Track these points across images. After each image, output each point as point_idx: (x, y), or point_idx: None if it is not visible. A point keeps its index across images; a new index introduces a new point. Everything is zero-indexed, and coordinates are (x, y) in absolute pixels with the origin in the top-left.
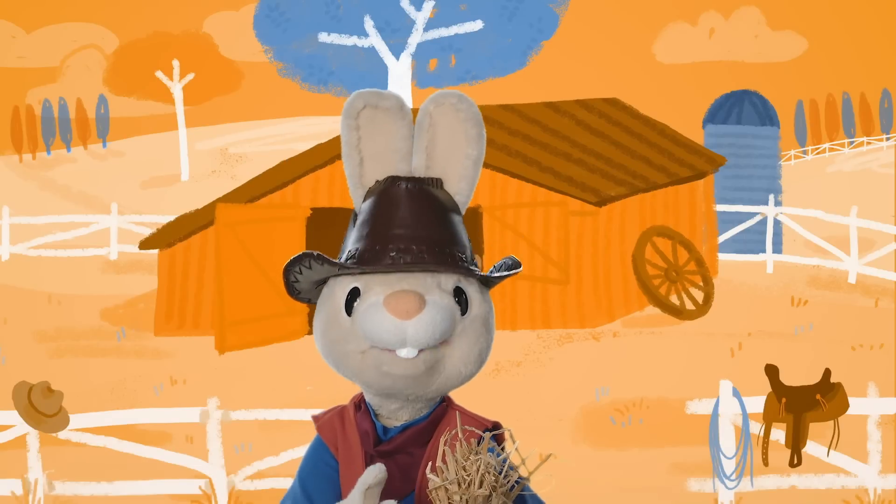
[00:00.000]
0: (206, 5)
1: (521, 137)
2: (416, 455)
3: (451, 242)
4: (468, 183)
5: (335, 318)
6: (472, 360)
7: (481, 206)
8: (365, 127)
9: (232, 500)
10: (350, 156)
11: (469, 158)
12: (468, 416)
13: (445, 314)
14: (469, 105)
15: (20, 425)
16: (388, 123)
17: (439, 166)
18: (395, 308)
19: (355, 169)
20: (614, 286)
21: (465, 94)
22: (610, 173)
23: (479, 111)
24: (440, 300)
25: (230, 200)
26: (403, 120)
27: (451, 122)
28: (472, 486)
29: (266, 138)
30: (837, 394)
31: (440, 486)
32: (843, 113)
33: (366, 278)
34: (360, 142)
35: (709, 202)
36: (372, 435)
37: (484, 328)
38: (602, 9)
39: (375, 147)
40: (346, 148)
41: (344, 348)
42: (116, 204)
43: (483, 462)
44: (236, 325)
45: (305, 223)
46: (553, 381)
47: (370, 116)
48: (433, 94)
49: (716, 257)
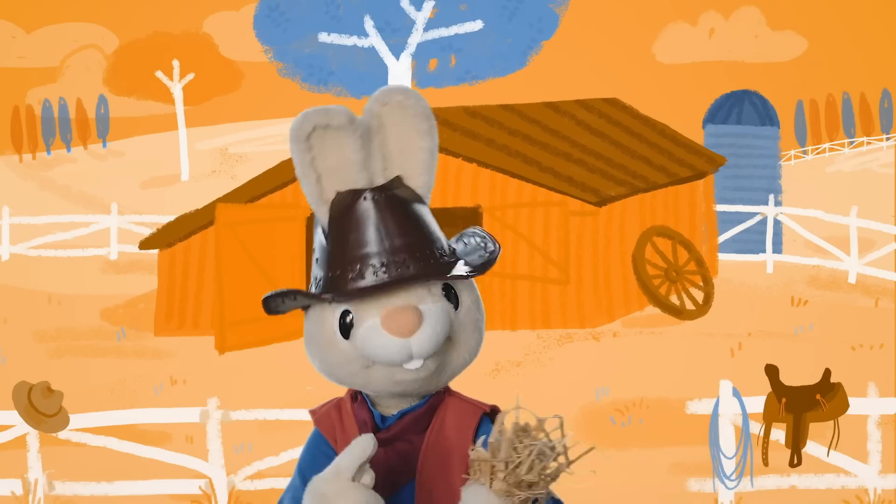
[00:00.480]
0: (206, 5)
1: (521, 137)
2: (414, 442)
3: (428, 242)
4: (428, 174)
5: (332, 343)
6: (473, 346)
7: (481, 206)
8: (317, 146)
9: (232, 500)
10: (306, 174)
11: (424, 151)
12: (466, 401)
13: (443, 319)
14: (416, 100)
15: (20, 425)
16: (339, 139)
17: (396, 164)
18: (396, 328)
19: (313, 187)
20: (614, 286)
21: (410, 89)
22: (610, 173)
23: (426, 104)
24: (435, 306)
25: (230, 200)
26: (355, 133)
27: (400, 119)
28: (520, 469)
29: (266, 138)
30: (837, 394)
31: (485, 461)
32: (843, 113)
33: (356, 300)
34: (314, 160)
35: (709, 202)
36: (370, 424)
37: (479, 313)
38: (602, 9)
39: (330, 163)
40: (300, 168)
41: (348, 369)
42: (116, 204)
43: (537, 448)
44: (236, 325)
45: (305, 223)
46: (553, 381)
47: (321, 136)
48: (377, 93)
49: (716, 257)
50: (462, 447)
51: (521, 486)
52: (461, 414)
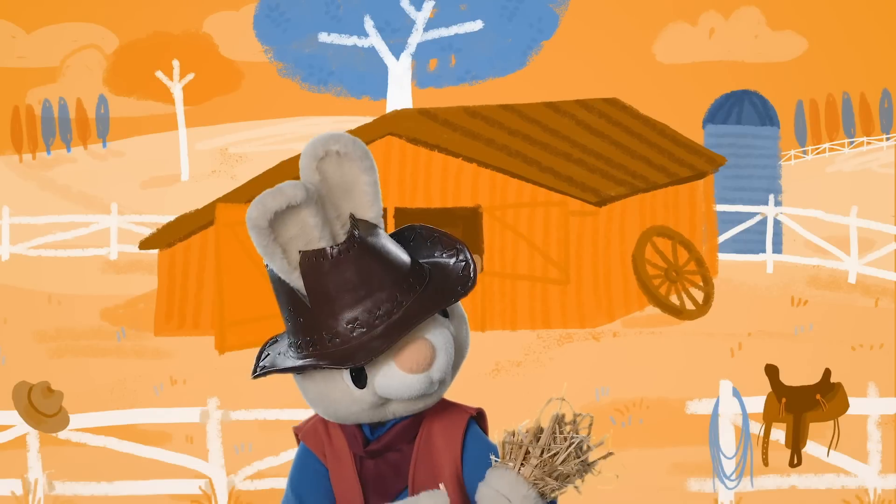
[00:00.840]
0: (206, 5)
1: (521, 137)
2: (405, 451)
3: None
4: (377, 205)
5: (346, 396)
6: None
7: (481, 206)
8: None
9: (232, 500)
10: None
11: (368, 185)
12: (452, 406)
13: (450, 343)
14: (344, 143)
15: (20, 425)
16: (297, 212)
17: (346, 207)
18: (416, 367)
19: (281, 261)
20: (614, 286)
21: (337, 133)
22: (610, 173)
23: (362, 144)
24: (441, 333)
25: (230, 200)
26: (311, 200)
27: (337, 165)
28: (556, 459)
29: (266, 138)
30: (837, 394)
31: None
32: (843, 113)
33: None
34: (276, 238)
35: (709, 202)
36: (360, 437)
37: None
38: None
39: (291, 233)
40: (263, 250)
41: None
42: (116, 204)
43: (577, 442)
44: (236, 325)
45: None
46: (553, 381)
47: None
48: (309, 147)
49: (716, 257)
50: (450, 453)
51: (553, 476)
52: (448, 420)
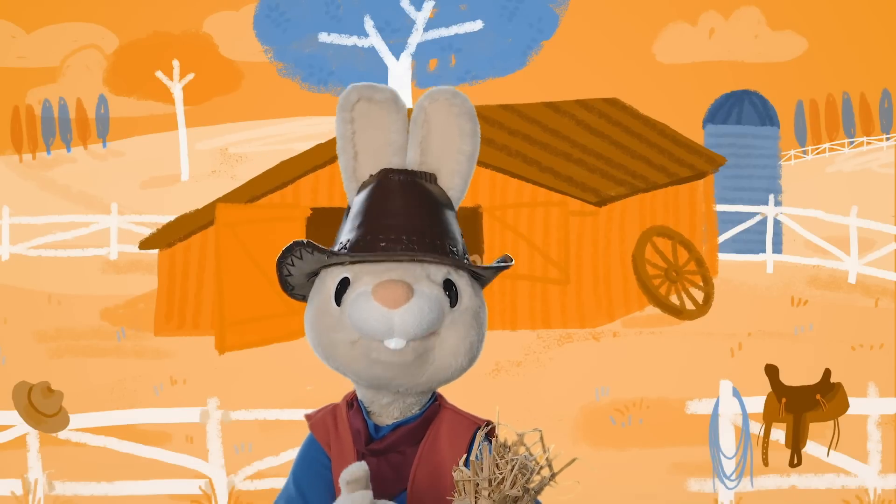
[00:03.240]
0: (206, 5)
1: (521, 137)
2: (407, 454)
3: (442, 234)
4: (462, 178)
5: (325, 308)
6: (463, 352)
7: (481, 206)
8: (359, 120)
9: (232, 500)
10: (345, 149)
11: (463, 154)
12: (461, 415)
13: (433, 304)
14: (463, 101)
15: (20, 425)
16: (382, 117)
17: (433, 161)
18: (383, 297)
19: (349, 162)
20: (614, 286)
21: (460, 91)
22: (610, 173)
23: (473, 107)
24: (428, 290)
25: (230, 200)
26: (398, 113)
27: (446, 117)
28: (504, 485)
29: (266, 138)
30: (837, 394)
31: (469, 480)
32: (843, 113)
33: (356, 269)
34: (354, 135)
35: (709, 202)
36: (364, 433)
37: (475, 321)
38: (602, 9)
39: (370, 141)
40: (340, 141)
41: (333, 338)
42: (116, 204)
43: (519, 463)
44: (236, 325)
45: (305, 223)
46: (553, 381)
47: (365, 110)
48: (429, 91)
49: (716, 257)
50: (455, 461)
51: (507, 502)
52: (455, 428)
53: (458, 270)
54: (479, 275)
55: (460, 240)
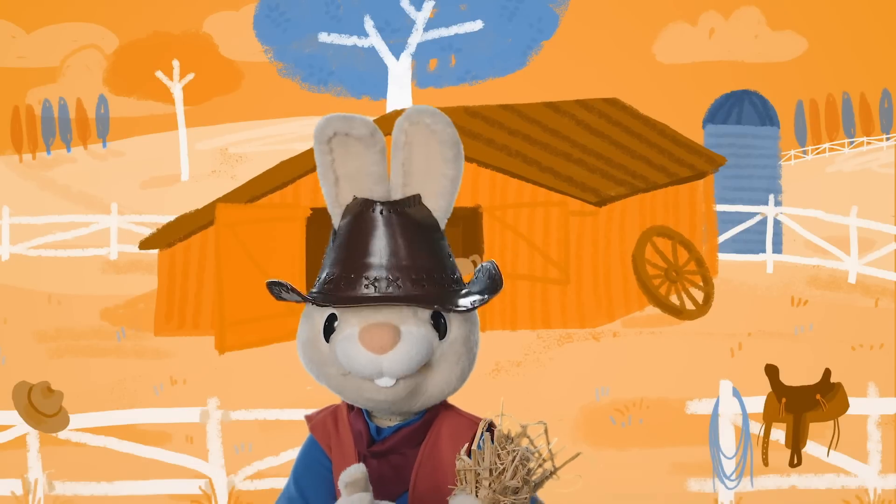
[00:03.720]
0: (206, 5)
1: (521, 137)
2: (409, 455)
3: (427, 268)
4: (447, 201)
5: (315, 343)
6: (454, 380)
7: (481, 206)
8: (337, 150)
9: (232, 500)
10: (325, 176)
11: (446, 178)
12: (462, 416)
13: (421, 345)
14: (444, 125)
15: (20, 425)
16: (360, 148)
17: (417, 183)
18: (370, 343)
19: (332, 188)
20: (614, 286)
21: (440, 112)
22: (610, 173)
23: (454, 131)
24: (416, 330)
25: (230, 200)
26: (376, 146)
27: (427, 141)
28: (504, 476)
29: (266, 138)
30: (837, 394)
31: (470, 469)
32: (843, 113)
33: (342, 308)
34: (333, 163)
35: (709, 202)
36: (365, 435)
37: (464, 348)
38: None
39: (350, 168)
40: (320, 168)
41: (325, 371)
42: (116, 204)
43: (520, 454)
44: (236, 325)
45: (305, 223)
46: (553, 381)
47: (342, 142)
48: (407, 110)
49: (716, 257)
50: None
51: (507, 493)
52: (457, 429)
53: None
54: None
55: (448, 265)
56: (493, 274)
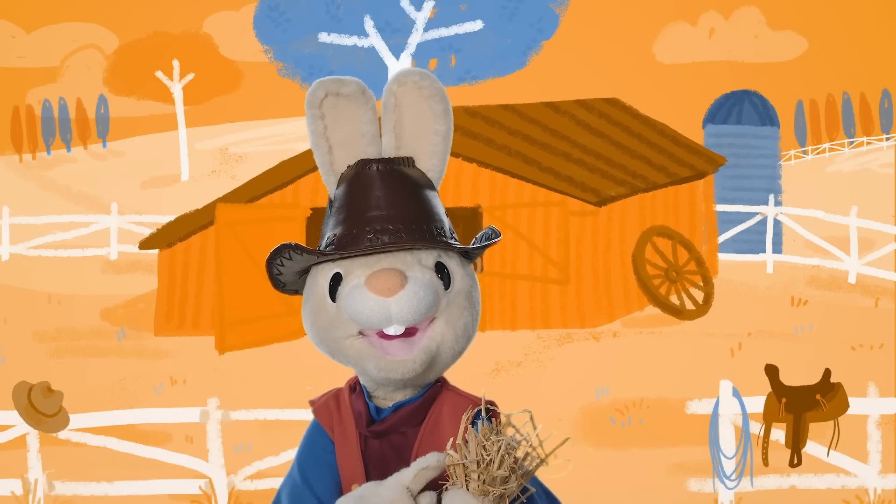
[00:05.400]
0: (206, 5)
1: (521, 137)
2: (409, 435)
3: (427, 218)
4: (439, 158)
5: (321, 306)
6: (460, 335)
7: (481, 206)
8: (329, 115)
9: (232, 500)
10: (318, 145)
11: (437, 134)
12: (462, 396)
13: (428, 289)
14: (432, 81)
15: (20, 425)
16: (351, 109)
17: (409, 145)
18: (377, 287)
19: (325, 157)
20: (614, 286)
21: (427, 71)
22: (610, 173)
23: (442, 87)
24: (422, 276)
25: (230, 200)
26: (367, 104)
27: (416, 99)
28: (492, 467)
29: (266, 138)
30: (837, 394)
31: (458, 464)
32: (843, 113)
33: (346, 263)
34: (326, 130)
35: (709, 202)
36: (365, 415)
37: (467, 302)
38: (602, 9)
39: (342, 133)
40: (313, 137)
41: (333, 334)
42: (116, 204)
43: (504, 443)
44: (236, 325)
45: (305, 223)
46: (553, 381)
47: (333, 104)
48: (396, 73)
49: (716, 257)
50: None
51: (496, 483)
52: (457, 408)
53: (447, 252)
54: (469, 253)
55: (446, 220)
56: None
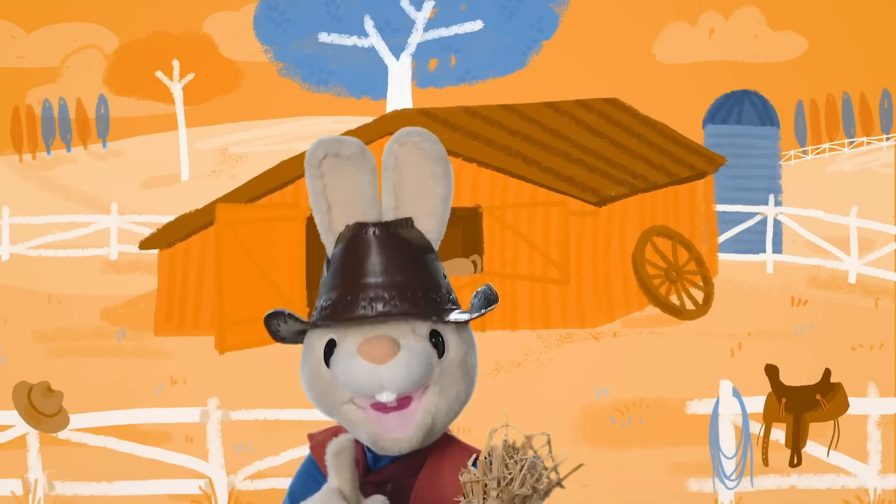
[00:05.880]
0: (206, 5)
1: (521, 137)
2: (406, 485)
3: (423, 285)
4: (438, 221)
5: (317, 371)
6: (453, 402)
7: (481, 206)
8: (329, 175)
9: (232, 500)
10: (317, 203)
11: (437, 197)
12: (462, 446)
13: (421, 358)
14: (432, 143)
15: (20, 425)
16: (351, 170)
17: (408, 206)
18: (370, 354)
19: (324, 216)
20: (614, 286)
21: (428, 132)
22: (610, 173)
23: (443, 149)
24: (415, 344)
25: (230, 200)
26: (366, 165)
27: (416, 160)
28: (513, 485)
29: (266, 138)
30: (837, 394)
31: (477, 481)
32: (843, 113)
33: (341, 329)
34: (325, 189)
35: (709, 202)
36: (362, 464)
37: (460, 371)
38: (602, 9)
39: (341, 194)
40: (312, 195)
41: (330, 400)
42: (116, 204)
43: (528, 462)
44: (236, 325)
45: (305, 223)
46: (553, 381)
47: (333, 164)
48: (396, 133)
49: (716, 257)
50: (456, 492)
51: (515, 502)
52: (456, 458)
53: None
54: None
55: (443, 284)
56: (489, 293)
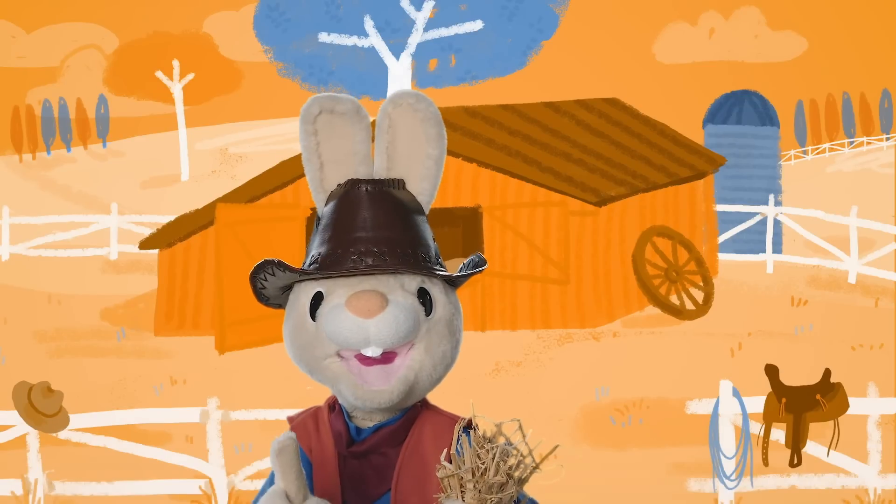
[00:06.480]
0: (206, 5)
1: (521, 137)
2: (390, 455)
3: (413, 243)
4: (430, 183)
5: (301, 324)
6: (437, 362)
7: (481, 206)
8: (323, 131)
9: (232, 500)
10: (310, 160)
11: (430, 158)
12: (443, 415)
13: (408, 313)
14: (427, 105)
15: (20, 425)
16: (345, 127)
17: (401, 167)
18: (357, 307)
19: (315, 173)
20: (614, 286)
21: (423, 94)
22: (610, 173)
23: (437, 110)
24: (403, 300)
25: (230, 200)
26: (361, 123)
27: (410, 122)
28: (488, 474)
29: (266, 138)
30: (837, 394)
31: (453, 475)
32: (843, 113)
33: (329, 282)
34: (318, 146)
35: (709, 202)
36: (345, 436)
37: (447, 330)
38: (602, 9)
39: (334, 151)
40: (305, 153)
41: (312, 353)
42: (116, 204)
43: (499, 450)
44: (236, 325)
45: (305, 223)
46: (553, 381)
47: (327, 121)
48: (392, 94)
49: (716, 257)
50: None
51: (493, 491)
52: (438, 427)
53: (431, 279)
54: (453, 281)
55: (432, 245)
56: (476, 259)
